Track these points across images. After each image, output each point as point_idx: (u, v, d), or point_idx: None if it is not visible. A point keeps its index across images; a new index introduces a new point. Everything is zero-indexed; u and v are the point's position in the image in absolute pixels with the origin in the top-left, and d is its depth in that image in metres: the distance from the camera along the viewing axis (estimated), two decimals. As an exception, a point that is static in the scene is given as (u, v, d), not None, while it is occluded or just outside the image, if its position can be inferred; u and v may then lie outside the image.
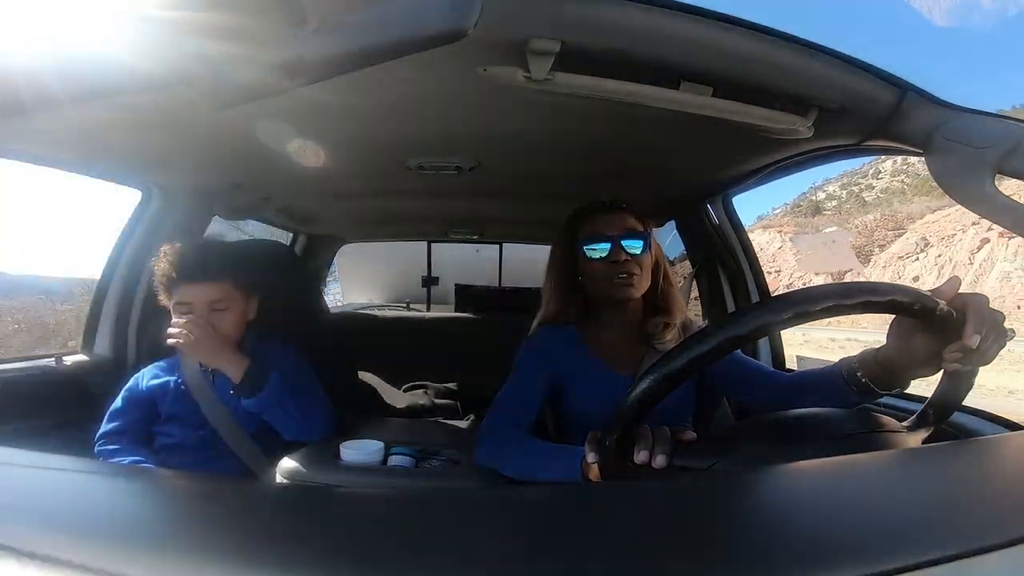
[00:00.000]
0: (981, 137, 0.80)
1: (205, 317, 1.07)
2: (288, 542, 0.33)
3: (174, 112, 0.96)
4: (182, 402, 1.12)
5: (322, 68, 0.51)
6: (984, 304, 0.61)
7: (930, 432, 0.64)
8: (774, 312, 0.53)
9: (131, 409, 1.13)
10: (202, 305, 1.08)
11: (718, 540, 0.34)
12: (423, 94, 1.01)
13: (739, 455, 0.56)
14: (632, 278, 1.01)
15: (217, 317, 1.09)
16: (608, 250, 1.01)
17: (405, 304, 3.16)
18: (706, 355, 0.53)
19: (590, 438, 0.64)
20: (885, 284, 0.56)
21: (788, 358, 1.64)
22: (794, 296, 0.54)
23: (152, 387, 1.14)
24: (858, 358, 0.77)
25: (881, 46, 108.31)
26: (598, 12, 0.73)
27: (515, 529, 0.36)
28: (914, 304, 0.56)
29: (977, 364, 0.62)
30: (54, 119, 0.93)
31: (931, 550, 0.30)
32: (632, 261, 1.01)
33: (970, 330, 0.59)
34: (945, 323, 0.59)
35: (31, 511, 0.36)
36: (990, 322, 0.60)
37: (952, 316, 0.59)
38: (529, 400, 1.00)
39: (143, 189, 1.45)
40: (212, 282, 1.09)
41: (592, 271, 1.04)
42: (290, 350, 1.20)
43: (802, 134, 0.98)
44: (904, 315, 0.57)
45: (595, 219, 1.06)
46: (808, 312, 0.53)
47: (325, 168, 1.39)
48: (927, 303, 0.57)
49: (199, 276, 1.09)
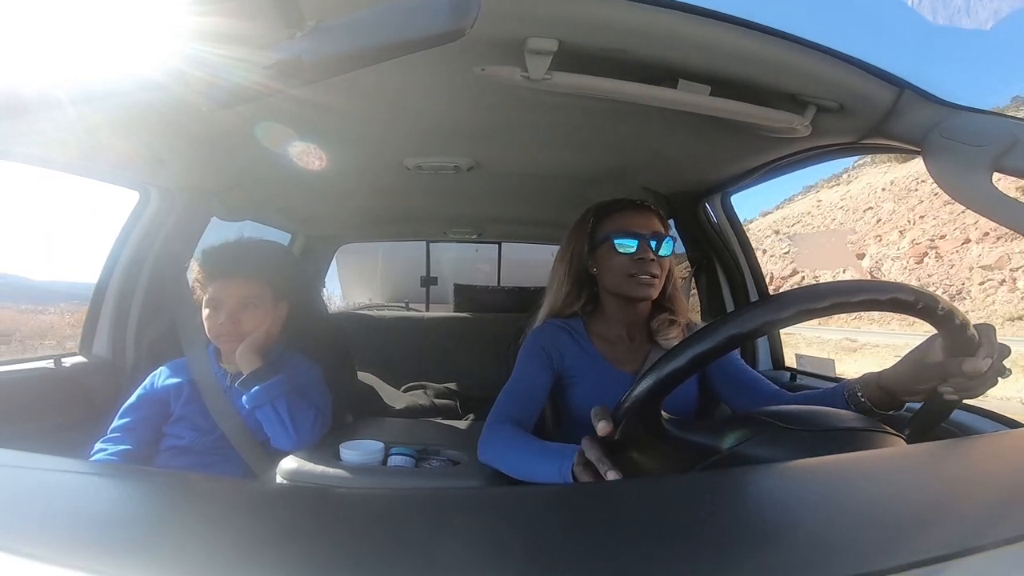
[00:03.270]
0: (978, 135, 0.80)
1: (235, 313, 1.10)
2: (288, 542, 0.33)
3: (172, 113, 0.96)
4: (193, 403, 1.12)
5: (320, 68, 0.51)
6: (994, 333, 0.63)
7: None
8: (776, 310, 0.53)
9: (144, 406, 1.13)
10: (233, 300, 1.11)
11: (718, 539, 0.34)
12: (421, 94, 1.01)
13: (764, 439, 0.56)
14: (654, 279, 1.03)
15: (245, 314, 1.11)
16: (636, 247, 1.02)
17: (404, 304, 3.16)
18: (709, 352, 0.53)
19: (588, 439, 0.64)
20: (888, 282, 0.56)
21: (788, 359, 1.64)
22: (796, 294, 0.54)
23: (167, 386, 1.15)
24: (860, 380, 0.80)
25: (879, 45, 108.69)
26: (596, 11, 0.73)
27: (515, 529, 0.36)
28: (917, 303, 0.56)
29: (971, 393, 0.64)
30: (52, 121, 0.92)
31: (931, 549, 0.30)
32: (655, 261, 1.03)
33: (983, 352, 0.61)
34: (958, 334, 0.60)
35: (30, 512, 0.36)
36: (999, 351, 0.62)
37: (974, 338, 0.61)
38: (533, 393, 1.01)
39: (141, 190, 1.44)
40: (245, 278, 1.12)
41: (615, 266, 1.04)
42: (316, 367, 1.21)
43: (800, 132, 0.98)
44: (906, 313, 0.57)
45: (625, 215, 1.06)
46: (810, 310, 0.53)
47: (323, 168, 1.39)
48: (929, 302, 0.57)
49: (231, 272, 1.12)
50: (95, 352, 1.44)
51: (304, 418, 1.08)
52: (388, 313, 2.72)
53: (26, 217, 40.39)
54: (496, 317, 2.40)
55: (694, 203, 1.63)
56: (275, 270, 1.18)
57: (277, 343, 1.18)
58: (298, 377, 1.14)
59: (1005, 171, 0.79)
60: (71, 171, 1.27)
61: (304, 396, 1.12)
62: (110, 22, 0.51)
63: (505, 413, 0.97)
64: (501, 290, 2.81)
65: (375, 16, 0.49)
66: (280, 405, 1.07)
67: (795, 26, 13.20)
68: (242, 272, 1.13)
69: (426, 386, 2.08)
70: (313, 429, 1.09)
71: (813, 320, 0.55)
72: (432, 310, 2.96)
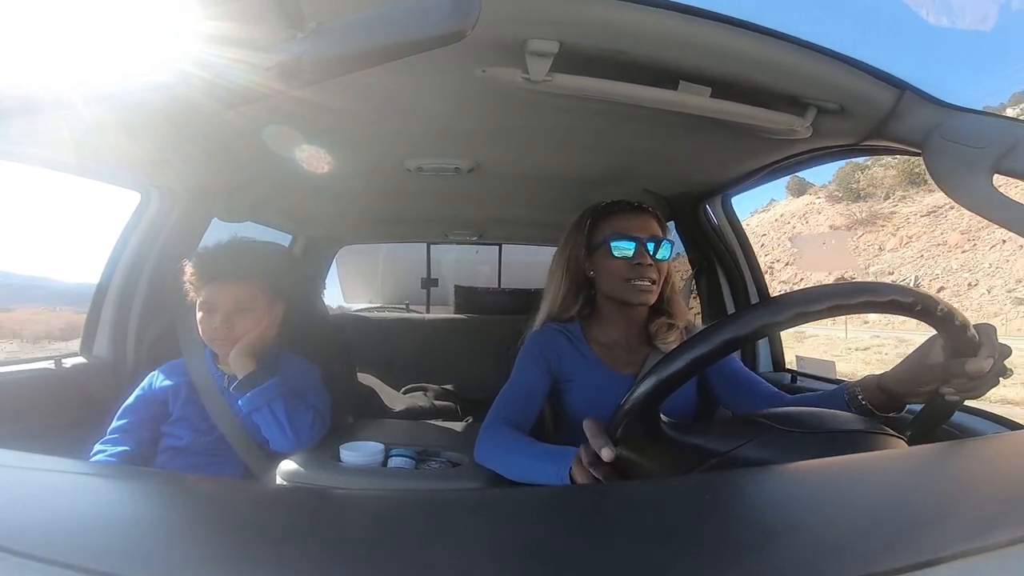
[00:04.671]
0: (979, 137, 0.80)
1: (229, 316, 1.09)
2: (288, 544, 0.33)
3: (173, 114, 0.96)
4: (191, 404, 1.12)
5: (321, 69, 0.51)
6: (995, 333, 0.63)
7: None
8: (774, 313, 0.53)
9: (141, 407, 1.13)
10: (228, 304, 1.10)
11: (717, 540, 0.33)
12: (422, 95, 1.01)
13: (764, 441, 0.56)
14: (652, 285, 1.01)
15: (240, 318, 1.10)
16: (633, 250, 1.01)
17: (405, 306, 3.16)
18: (707, 356, 0.53)
19: (586, 443, 0.64)
20: (885, 284, 0.56)
21: (789, 360, 1.64)
22: (794, 296, 0.54)
23: (165, 387, 1.14)
24: (861, 382, 0.80)
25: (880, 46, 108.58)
26: (597, 13, 0.73)
27: (514, 531, 0.36)
28: (915, 305, 0.56)
29: (972, 393, 0.64)
30: (53, 121, 0.93)
31: (931, 550, 0.30)
32: (653, 266, 1.01)
33: (985, 352, 0.60)
34: (958, 335, 0.60)
35: (30, 513, 0.36)
36: (1000, 351, 0.62)
37: (975, 339, 0.61)
38: (531, 397, 1.00)
39: (142, 191, 1.45)
40: (239, 281, 1.11)
41: (612, 270, 1.03)
42: (314, 368, 1.20)
43: (800, 134, 0.98)
44: (904, 315, 0.57)
45: (622, 218, 1.05)
46: (808, 312, 0.53)
47: (324, 169, 1.39)
48: (928, 304, 0.57)
49: (225, 276, 1.11)
50: (96, 353, 1.43)
51: (302, 420, 1.08)
52: (389, 314, 2.72)
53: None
54: (496, 319, 2.40)
55: (694, 205, 1.63)
56: (270, 272, 1.17)
57: (273, 345, 1.18)
58: (295, 379, 1.13)
59: (1006, 173, 0.79)
60: (72, 172, 1.28)
61: (302, 398, 1.11)
62: (111, 23, 0.51)
63: (502, 416, 0.97)
64: (501, 292, 2.81)
65: (376, 17, 0.49)
66: (278, 408, 1.06)
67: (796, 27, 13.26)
68: (236, 275, 1.11)
69: (426, 388, 2.08)
70: (312, 431, 1.09)
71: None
72: (433, 312, 2.96)
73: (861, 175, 29.74)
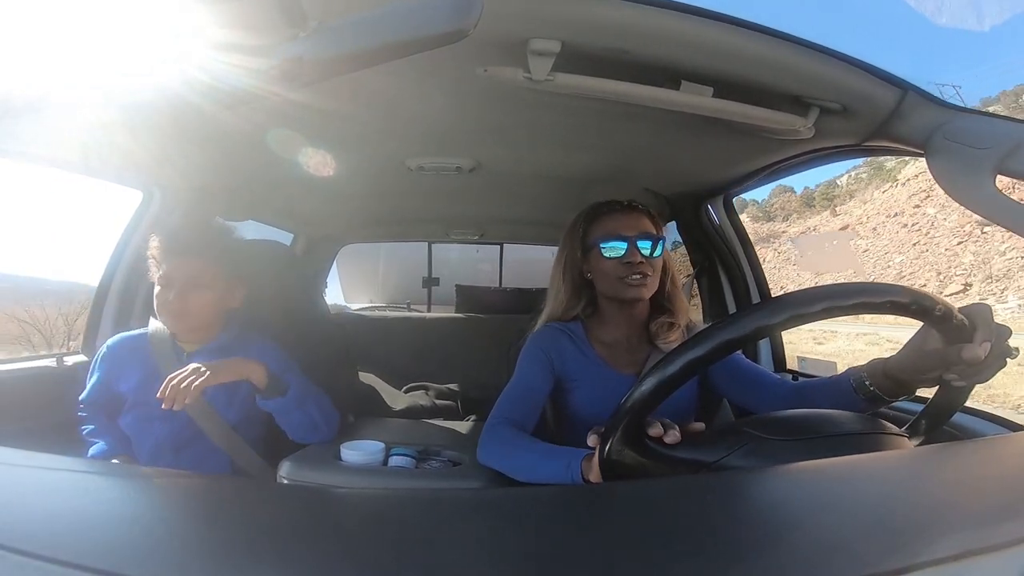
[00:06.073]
0: (981, 138, 0.80)
1: (184, 291, 1.08)
2: (289, 542, 0.33)
3: (175, 113, 0.96)
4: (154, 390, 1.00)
5: (322, 69, 0.51)
6: (990, 314, 0.62)
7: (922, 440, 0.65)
8: (771, 314, 0.53)
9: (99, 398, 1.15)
10: (182, 280, 1.09)
11: (718, 540, 0.34)
12: (423, 95, 1.01)
13: (750, 449, 0.56)
14: (645, 279, 1.01)
15: (193, 294, 1.09)
16: (624, 250, 1.01)
17: (406, 305, 3.16)
18: (704, 358, 0.54)
19: (593, 432, 0.64)
20: (882, 284, 0.56)
21: (789, 359, 1.64)
22: (791, 298, 0.54)
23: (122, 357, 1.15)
24: (867, 367, 0.78)
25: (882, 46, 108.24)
26: (598, 12, 0.73)
27: (515, 530, 0.36)
28: (911, 304, 0.56)
29: (977, 378, 0.63)
30: (56, 120, 0.93)
31: (931, 550, 0.30)
32: (646, 263, 1.01)
33: (979, 337, 0.59)
34: (951, 327, 0.60)
35: (32, 511, 0.36)
36: (997, 333, 0.61)
37: (965, 324, 0.60)
38: (533, 397, 1.00)
39: (144, 190, 1.45)
40: (194, 258, 1.10)
41: (605, 270, 1.03)
42: (274, 346, 1.18)
43: (803, 134, 0.97)
44: (902, 315, 0.57)
45: (612, 218, 1.05)
46: (805, 313, 0.53)
47: (326, 169, 1.39)
48: (925, 303, 0.56)
49: (182, 251, 1.10)
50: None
51: (328, 408, 1.12)
52: (390, 313, 2.72)
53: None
54: (498, 318, 2.40)
55: (696, 205, 1.63)
56: (229, 252, 1.16)
57: (229, 322, 1.17)
58: (260, 357, 1.10)
59: (1009, 174, 0.79)
60: (77, 170, 1.28)
61: (312, 389, 1.12)
62: (114, 24, 0.51)
63: (505, 415, 0.97)
64: (503, 291, 2.81)
65: (378, 16, 0.49)
66: (308, 404, 1.09)
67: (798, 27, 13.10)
68: (196, 252, 1.11)
69: (427, 387, 2.08)
70: (332, 422, 1.13)
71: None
72: (434, 311, 2.96)
73: (777, 200, 34.08)
